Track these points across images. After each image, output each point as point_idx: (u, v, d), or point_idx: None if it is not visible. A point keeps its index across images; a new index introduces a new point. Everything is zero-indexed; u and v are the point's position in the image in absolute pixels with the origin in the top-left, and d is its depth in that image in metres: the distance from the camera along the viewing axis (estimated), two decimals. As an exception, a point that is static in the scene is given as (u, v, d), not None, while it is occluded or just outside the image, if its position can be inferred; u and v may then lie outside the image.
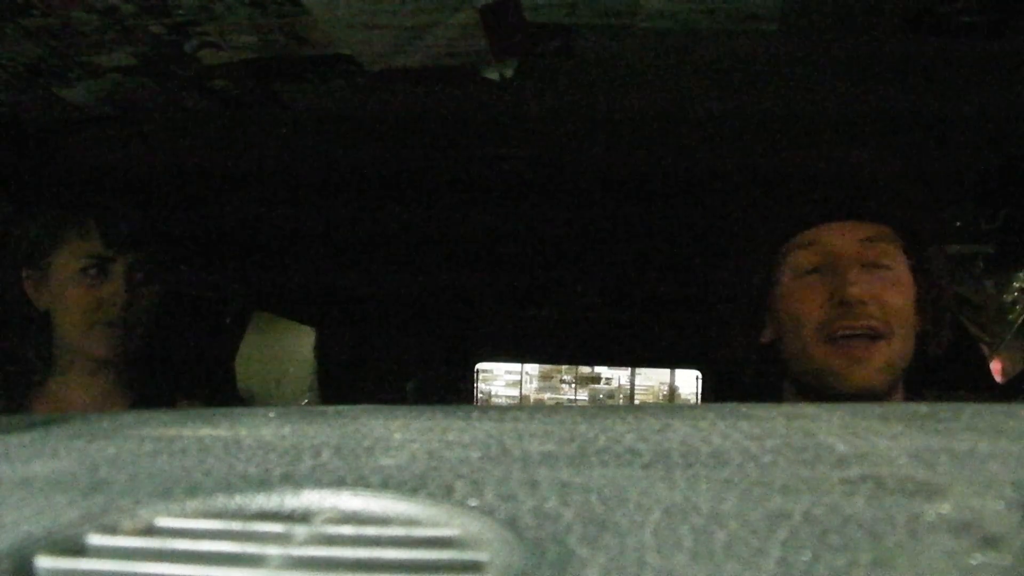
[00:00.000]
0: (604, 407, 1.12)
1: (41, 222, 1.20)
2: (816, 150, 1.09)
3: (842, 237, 0.99)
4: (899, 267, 0.99)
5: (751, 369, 1.08)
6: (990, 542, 0.26)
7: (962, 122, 1.26)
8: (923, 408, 0.46)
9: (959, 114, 1.22)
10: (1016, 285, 1.60)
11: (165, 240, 1.26)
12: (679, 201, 1.70)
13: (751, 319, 1.06)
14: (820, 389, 0.98)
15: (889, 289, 0.97)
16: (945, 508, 0.28)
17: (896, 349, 0.96)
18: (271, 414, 0.48)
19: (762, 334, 1.06)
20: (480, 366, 3.73)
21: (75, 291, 1.19)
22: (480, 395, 3.85)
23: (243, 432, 0.42)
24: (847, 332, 0.95)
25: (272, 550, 0.27)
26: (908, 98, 1.18)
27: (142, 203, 1.26)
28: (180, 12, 0.99)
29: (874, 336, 0.95)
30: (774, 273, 1.03)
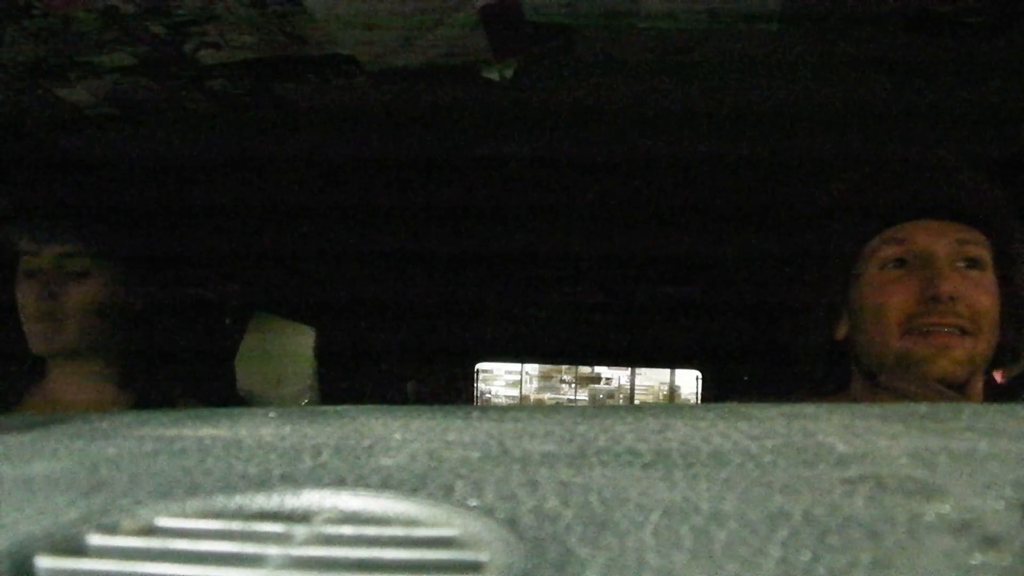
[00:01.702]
0: (604, 407, 1.12)
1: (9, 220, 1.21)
2: (910, 148, 1.09)
3: (937, 235, 1.00)
4: (988, 271, 1.00)
5: (821, 365, 1.08)
6: (990, 542, 0.26)
7: (962, 122, 1.26)
8: (923, 408, 0.46)
9: (959, 114, 1.23)
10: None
11: (99, 234, 1.21)
12: (679, 201, 1.70)
13: (829, 314, 1.06)
14: (898, 380, 0.98)
15: (979, 290, 0.98)
16: (945, 508, 0.28)
17: (980, 347, 0.97)
18: (271, 414, 0.48)
19: (837, 329, 1.06)
20: (480, 366, 3.73)
21: (22, 294, 1.19)
22: (480, 395, 3.85)
23: (243, 432, 0.42)
24: (934, 327, 0.96)
25: (272, 550, 0.27)
26: (908, 97, 1.18)
27: (127, 197, 1.25)
28: (180, 12, 0.99)
29: (961, 332, 0.96)
30: (856, 267, 1.03)
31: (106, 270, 1.21)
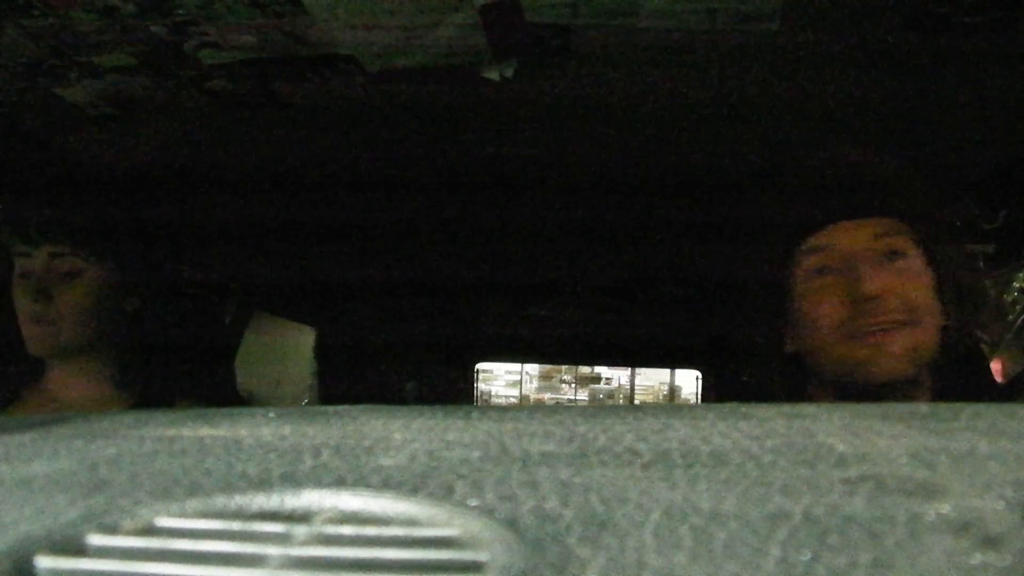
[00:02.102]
0: (604, 407, 1.12)
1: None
2: (817, 151, 1.08)
3: (853, 235, 0.99)
4: (915, 258, 0.99)
5: (779, 381, 1.07)
6: (990, 542, 0.26)
7: (962, 121, 1.26)
8: (923, 408, 0.46)
9: (959, 113, 1.23)
10: (1016, 285, 1.60)
11: (89, 233, 1.20)
12: (679, 201, 1.70)
13: (774, 330, 1.05)
14: (848, 385, 0.98)
15: (907, 280, 0.97)
16: (945, 508, 0.28)
17: (920, 336, 0.96)
18: (271, 414, 0.48)
19: (785, 344, 1.05)
20: (480, 366, 3.73)
21: (17, 294, 1.19)
22: (480, 395, 3.85)
23: (243, 432, 0.42)
24: (868, 328, 0.95)
25: (272, 550, 0.27)
26: (908, 97, 1.18)
27: (127, 199, 1.24)
28: (180, 12, 0.99)
29: (898, 325, 0.95)
30: (789, 280, 1.02)
31: (99, 269, 1.20)
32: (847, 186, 1.01)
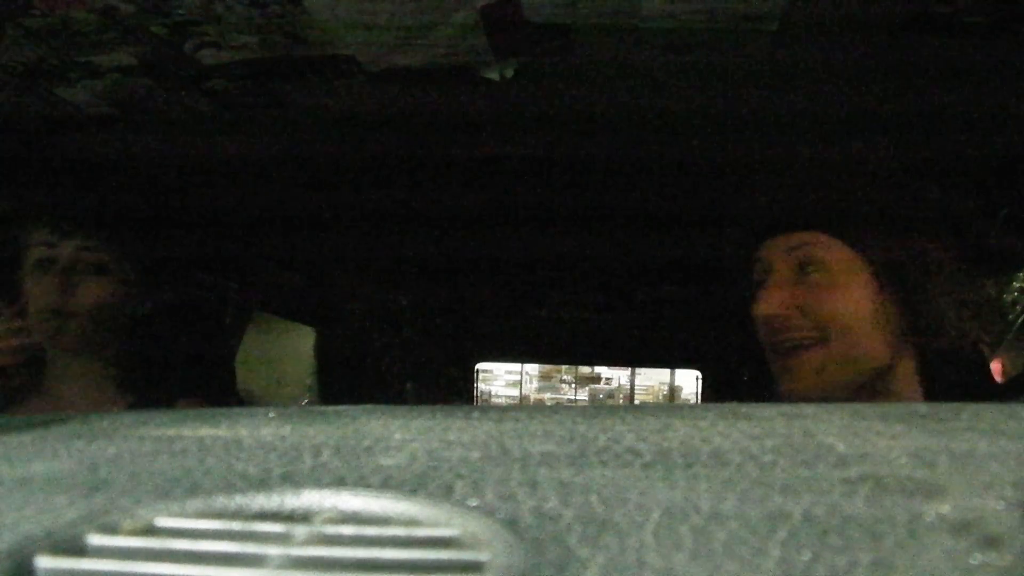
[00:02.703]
0: (604, 407, 1.12)
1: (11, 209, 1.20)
2: (771, 154, 1.08)
3: (773, 251, 0.98)
4: (840, 269, 0.95)
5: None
6: (990, 542, 0.26)
7: (962, 121, 1.26)
8: (923, 408, 0.46)
9: (959, 113, 1.23)
10: (1016, 285, 1.60)
11: (116, 228, 1.20)
12: (679, 201, 1.70)
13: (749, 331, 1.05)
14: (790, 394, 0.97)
15: (821, 297, 0.94)
16: (945, 508, 0.28)
17: (835, 354, 0.92)
18: (271, 414, 0.48)
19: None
20: (480, 366, 3.74)
21: (32, 283, 1.16)
22: (480, 395, 3.86)
23: (243, 432, 0.42)
24: (781, 345, 0.95)
25: (272, 550, 0.27)
26: (908, 98, 1.18)
27: (128, 197, 1.24)
28: (180, 12, 0.99)
29: (808, 343, 0.93)
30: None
31: (123, 266, 1.20)
32: (770, 198, 1.00)
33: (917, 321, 0.95)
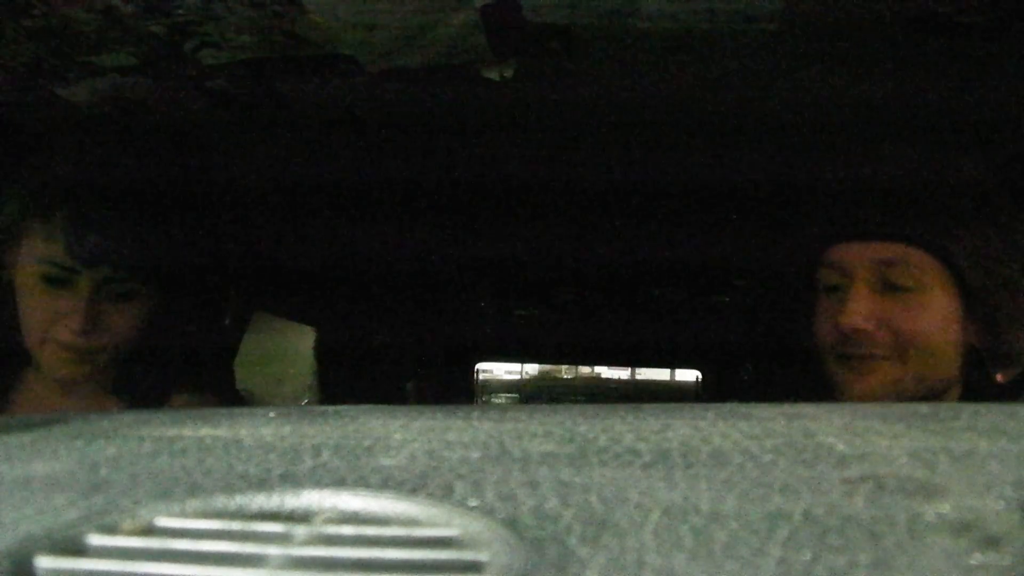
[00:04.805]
0: (604, 407, 1.12)
1: (13, 202, 1.08)
2: (824, 158, 1.06)
3: (858, 258, 0.94)
4: (928, 289, 0.92)
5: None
6: (990, 542, 0.26)
7: (962, 121, 1.26)
8: (923, 408, 0.46)
9: (959, 113, 1.22)
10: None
11: (142, 259, 1.06)
12: (678, 201, 1.70)
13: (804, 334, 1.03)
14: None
15: (905, 313, 0.92)
16: (945, 508, 0.28)
17: (907, 373, 0.91)
18: (271, 414, 0.48)
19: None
20: (480, 366, 3.73)
21: (33, 297, 1.03)
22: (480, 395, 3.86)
23: (243, 432, 0.42)
24: (851, 353, 0.93)
25: (272, 550, 0.27)
26: (908, 98, 1.18)
27: (129, 207, 1.09)
28: (180, 12, 0.99)
29: (881, 358, 0.91)
30: (808, 287, 1.00)
31: (152, 293, 1.08)
32: (856, 201, 0.97)
33: (997, 348, 0.94)
